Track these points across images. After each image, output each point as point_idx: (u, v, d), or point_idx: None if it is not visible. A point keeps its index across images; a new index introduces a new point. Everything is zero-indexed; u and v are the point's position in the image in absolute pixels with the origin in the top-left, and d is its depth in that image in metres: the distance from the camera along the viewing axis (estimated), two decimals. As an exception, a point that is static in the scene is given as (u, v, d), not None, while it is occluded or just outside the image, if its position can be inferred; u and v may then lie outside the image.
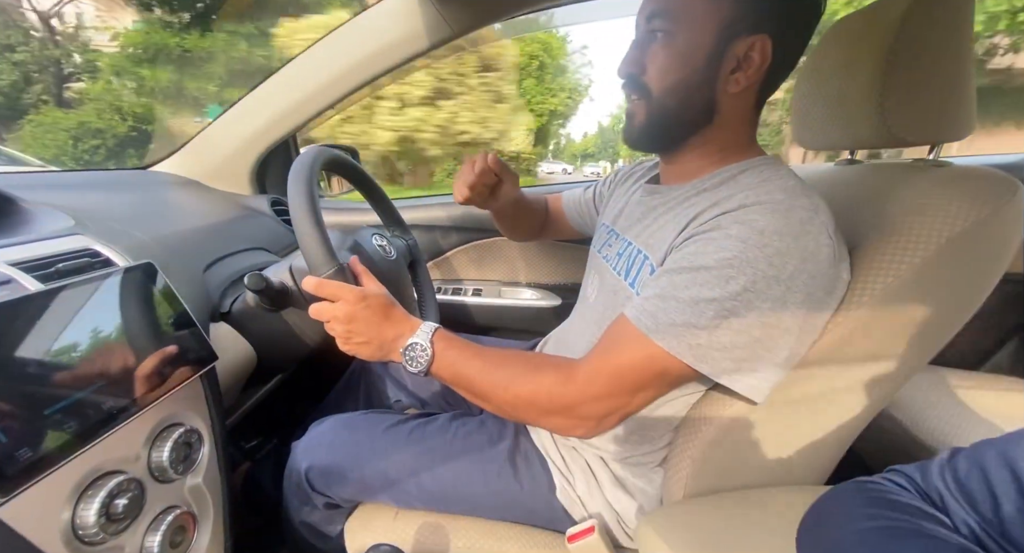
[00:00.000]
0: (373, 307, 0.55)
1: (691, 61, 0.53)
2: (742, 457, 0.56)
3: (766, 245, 0.45)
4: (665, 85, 0.54)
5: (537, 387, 0.52)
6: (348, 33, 0.97)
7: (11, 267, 0.44)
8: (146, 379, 0.47)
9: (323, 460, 0.69)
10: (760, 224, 0.46)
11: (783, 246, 0.45)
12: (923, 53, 0.52)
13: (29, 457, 0.36)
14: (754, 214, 0.47)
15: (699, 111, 0.55)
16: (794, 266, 0.45)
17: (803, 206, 0.47)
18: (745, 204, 0.48)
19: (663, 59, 0.54)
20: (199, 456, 0.53)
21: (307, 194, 0.56)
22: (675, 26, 0.52)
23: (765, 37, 0.51)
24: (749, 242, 0.46)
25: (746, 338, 0.46)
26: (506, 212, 0.88)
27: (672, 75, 0.54)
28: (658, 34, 0.54)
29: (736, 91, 0.54)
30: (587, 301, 0.70)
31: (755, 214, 0.47)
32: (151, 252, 0.60)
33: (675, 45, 0.53)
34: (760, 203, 0.48)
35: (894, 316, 0.50)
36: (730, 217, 0.48)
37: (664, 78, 0.54)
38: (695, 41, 0.52)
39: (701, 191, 0.56)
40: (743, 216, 0.47)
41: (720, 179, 0.55)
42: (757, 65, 0.52)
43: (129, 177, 1.05)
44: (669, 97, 0.55)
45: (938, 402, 0.86)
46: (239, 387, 0.73)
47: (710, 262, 0.47)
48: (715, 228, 0.48)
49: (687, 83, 0.53)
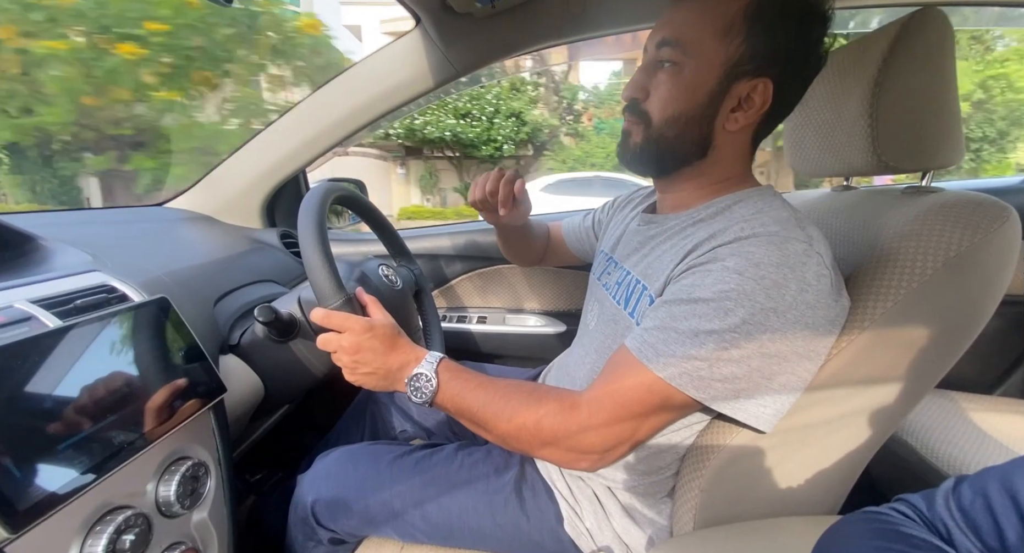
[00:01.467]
0: (379, 337, 0.56)
1: (694, 96, 0.54)
2: (752, 486, 0.55)
3: (763, 277, 0.46)
4: (666, 115, 0.55)
5: (539, 419, 0.52)
6: (357, 74, 1.02)
7: (32, 304, 0.46)
8: (157, 413, 0.47)
9: (329, 493, 0.68)
10: (756, 256, 0.47)
11: (780, 277, 0.46)
12: (908, 85, 0.54)
13: (41, 493, 0.36)
14: (750, 246, 0.48)
15: (695, 144, 0.56)
16: (792, 297, 0.46)
17: (798, 237, 0.48)
18: (741, 237, 0.49)
19: (667, 90, 0.55)
20: (206, 490, 0.53)
21: (316, 228, 0.58)
22: (684, 58, 0.53)
23: (767, 80, 0.52)
24: (746, 274, 0.46)
25: (746, 369, 0.46)
26: (511, 234, 0.91)
27: (674, 107, 0.55)
28: (666, 64, 0.54)
29: (734, 129, 0.55)
30: (587, 328, 0.71)
31: (751, 246, 0.48)
32: (165, 287, 0.61)
33: (681, 78, 0.54)
34: (755, 235, 0.48)
35: (895, 340, 0.50)
36: (726, 249, 0.49)
37: (666, 108, 0.55)
38: (701, 77, 0.53)
39: (696, 222, 0.57)
40: (739, 248, 0.48)
41: (715, 210, 0.56)
42: (757, 107, 0.53)
43: (145, 214, 1.08)
44: (668, 128, 0.56)
45: (951, 427, 0.84)
46: (246, 419, 0.74)
47: (708, 294, 0.47)
48: (712, 260, 0.49)
49: (687, 116, 0.54)
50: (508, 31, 0.92)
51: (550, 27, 0.94)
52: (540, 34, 0.95)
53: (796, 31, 0.51)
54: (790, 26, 0.51)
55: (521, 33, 0.94)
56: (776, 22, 0.50)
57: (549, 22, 0.92)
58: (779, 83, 0.52)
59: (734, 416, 0.49)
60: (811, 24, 0.51)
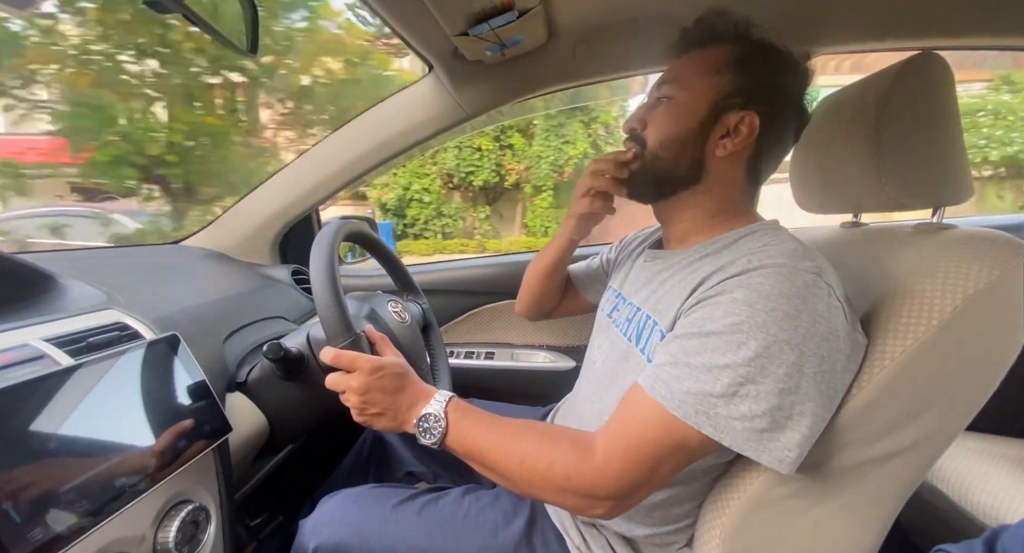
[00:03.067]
0: (389, 377, 0.56)
1: (686, 122, 0.59)
2: (777, 535, 0.52)
3: (773, 309, 0.45)
4: (660, 138, 0.61)
5: (551, 463, 0.50)
6: (371, 118, 1.06)
7: (45, 342, 0.46)
8: (161, 453, 0.46)
9: (331, 538, 0.65)
10: (765, 288, 0.47)
11: (791, 309, 0.45)
12: (912, 123, 0.55)
13: (40, 539, 0.35)
14: (758, 278, 0.48)
15: (688, 167, 0.60)
16: (805, 329, 0.45)
17: (806, 269, 0.48)
18: (748, 268, 0.49)
19: (663, 118, 0.61)
20: (205, 536, 0.52)
21: (327, 266, 0.59)
22: (678, 92, 0.60)
23: (754, 114, 0.57)
24: (756, 306, 0.46)
25: (765, 406, 0.45)
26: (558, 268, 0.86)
27: (667, 131, 0.60)
28: (662, 100, 0.62)
29: (723, 155, 0.58)
30: (594, 365, 0.69)
31: (759, 278, 0.48)
32: (176, 323, 0.62)
33: (675, 108, 0.60)
34: (763, 267, 0.48)
35: (919, 380, 0.48)
36: (734, 281, 0.49)
37: (660, 133, 0.61)
38: (692, 107, 0.59)
39: (704, 256, 0.57)
40: (747, 280, 0.48)
41: (722, 244, 0.57)
42: (744, 136, 0.57)
43: (160, 252, 1.11)
44: (662, 149, 0.61)
45: (986, 473, 0.80)
46: (250, 459, 0.72)
47: (719, 327, 0.47)
48: (721, 293, 0.49)
49: (680, 140, 0.59)
50: (516, 76, 0.97)
51: (556, 72, 0.98)
52: (547, 79, 1.00)
53: (779, 76, 0.58)
54: (774, 71, 0.58)
55: (529, 78, 0.98)
56: (761, 66, 0.58)
57: (555, 67, 0.96)
58: (765, 118, 0.57)
59: (756, 459, 0.47)
60: (791, 73, 0.59)
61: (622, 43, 0.90)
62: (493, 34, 0.75)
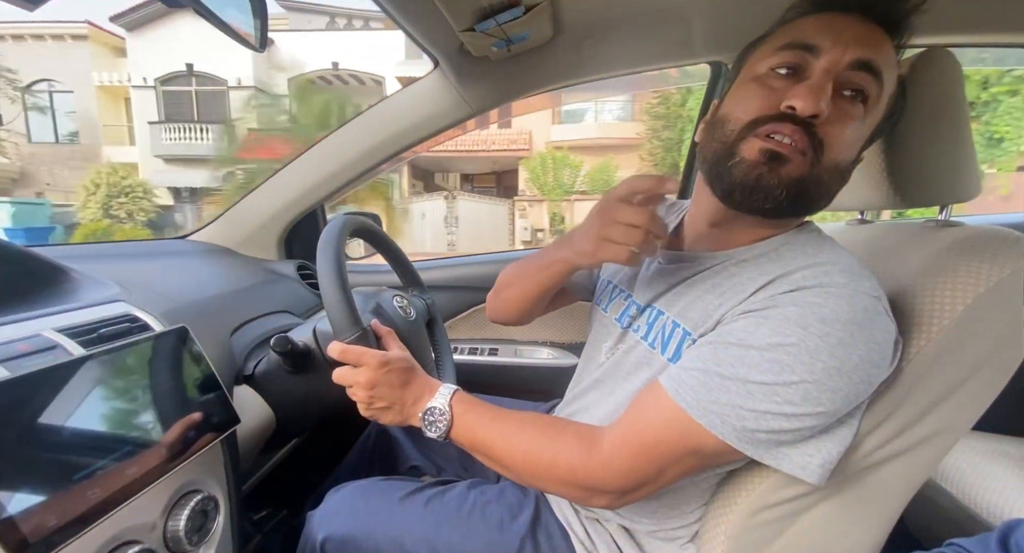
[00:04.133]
0: (395, 371, 0.56)
1: (866, 136, 0.50)
2: (783, 532, 0.52)
3: (828, 334, 0.42)
4: (840, 158, 0.47)
5: (556, 456, 0.50)
6: (377, 114, 1.06)
7: (58, 333, 0.47)
8: (171, 443, 0.47)
9: (340, 530, 0.66)
10: (824, 312, 0.43)
11: (847, 336, 0.42)
12: (920, 120, 0.55)
13: (55, 525, 0.36)
14: (815, 297, 0.44)
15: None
16: (859, 357, 0.42)
17: (866, 290, 0.44)
18: (804, 286, 0.45)
19: (855, 129, 0.47)
20: (214, 525, 0.52)
21: (334, 261, 0.59)
22: (878, 93, 0.47)
23: None
24: (810, 330, 0.42)
25: (797, 424, 0.43)
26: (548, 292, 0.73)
27: (850, 151, 0.48)
28: (857, 95, 0.46)
29: None
30: (601, 367, 0.66)
31: (816, 297, 0.44)
32: (184, 316, 0.62)
33: (870, 117, 0.48)
34: (821, 286, 0.44)
35: (932, 379, 0.48)
36: (788, 298, 0.45)
37: (843, 150, 0.47)
38: (878, 116, 0.49)
39: (740, 262, 0.53)
40: (802, 298, 0.44)
41: (760, 251, 0.53)
42: None
43: (168, 246, 1.11)
44: (834, 172, 0.48)
45: (989, 471, 0.80)
46: (256, 451, 0.73)
47: (762, 343, 0.44)
48: (771, 307, 0.45)
49: (850, 164, 0.49)
50: (522, 73, 0.96)
51: (562, 68, 0.98)
52: (553, 75, 1.00)
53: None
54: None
55: (535, 74, 0.98)
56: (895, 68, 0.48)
57: (562, 64, 0.96)
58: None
59: (778, 468, 0.45)
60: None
61: (629, 39, 0.90)
62: (499, 30, 0.75)
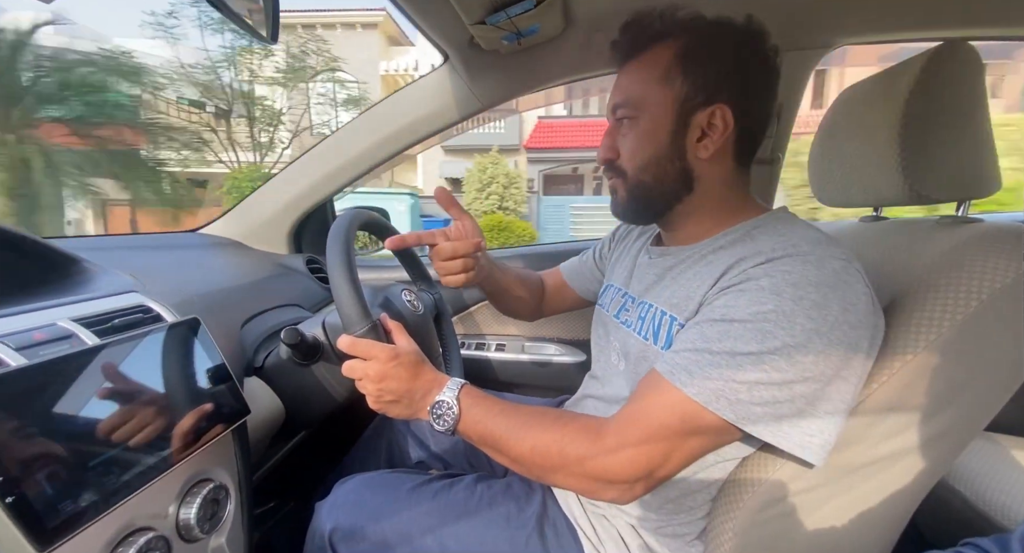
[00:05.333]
0: (404, 365, 0.56)
1: (656, 138, 0.57)
2: (792, 530, 0.52)
3: (802, 298, 0.45)
4: (637, 163, 0.59)
5: (563, 444, 0.50)
6: (385, 108, 1.06)
7: (73, 322, 0.48)
8: (183, 432, 0.48)
9: (347, 521, 0.66)
10: (794, 276, 0.46)
11: (819, 298, 0.45)
12: (939, 116, 0.54)
13: (71, 510, 0.36)
14: (785, 266, 0.47)
15: (675, 180, 0.58)
16: (835, 317, 0.44)
17: (834, 255, 0.47)
18: (773, 257, 0.48)
19: (631, 141, 0.59)
20: (225, 514, 0.53)
21: (344, 255, 0.59)
22: (637, 112, 0.58)
23: (723, 105, 0.54)
24: (784, 295, 0.45)
25: (788, 393, 0.45)
26: (500, 290, 0.84)
27: (642, 153, 0.58)
28: (624, 121, 0.59)
29: (707, 156, 0.56)
30: (617, 370, 0.66)
31: (786, 266, 0.47)
32: (196, 308, 0.63)
33: (640, 127, 0.58)
34: (789, 255, 0.48)
35: (941, 374, 0.48)
36: (759, 270, 0.48)
37: (635, 157, 0.59)
38: (657, 122, 0.57)
39: (717, 249, 0.56)
40: (772, 269, 0.47)
41: (735, 236, 0.56)
42: (721, 130, 0.55)
43: (180, 239, 1.12)
44: (643, 173, 0.59)
45: (1003, 473, 0.79)
46: (266, 443, 0.74)
47: (743, 315, 0.46)
48: (745, 280, 0.48)
49: (657, 157, 0.57)
50: (533, 67, 0.96)
51: (572, 62, 0.97)
52: (564, 69, 0.99)
53: (732, 56, 0.55)
54: (724, 54, 0.55)
55: (545, 68, 0.97)
56: (709, 55, 0.55)
57: (572, 57, 0.95)
58: (736, 104, 0.55)
59: (778, 445, 0.46)
60: (744, 45, 0.55)
61: (640, 33, 0.89)
62: (510, 23, 0.74)
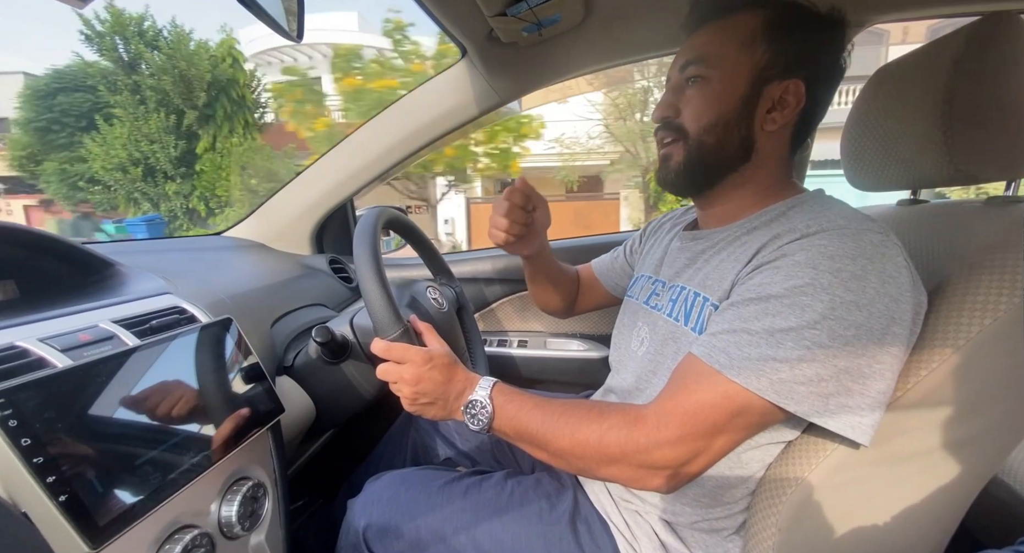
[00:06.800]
0: (439, 367, 0.56)
1: (728, 101, 0.55)
2: (838, 526, 0.50)
3: (839, 270, 0.44)
4: (702, 124, 0.56)
5: (603, 433, 0.49)
6: (404, 106, 1.06)
7: (114, 324, 0.49)
8: (223, 431, 0.48)
9: (381, 518, 0.67)
10: (830, 249, 0.45)
11: (858, 269, 0.44)
12: (984, 91, 0.51)
13: (120, 508, 0.37)
14: (821, 240, 0.46)
15: (737, 147, 0.57)
16: (874, 290, 0.43)
17: (871, 229, 0.47)
18: (808, 233, 0.48)
19: (700, 101, 0.57)
20: (264, 511, 0.54)
21: (372, 258, 0.59)
22: (711, 72, 0.56)
23: (798, 81, 0.54)
24: (820, 268, 0.44)
25: (831, 369, 0.43)
26: (541, 274, 0.87)
27: (709, 114, 0.56)
28: (694, 80, 0.57)
29: (773, 129, 0.56)
30: (635, 355, 0.67)
31: (822, 240, 0.46)
32: (228, 309, 0.64)
33: (711, 89, 0.56)
34: (824, 230, 0.47)
35: (994, 363, 0.45)
36: (795, 245, 0.47)
37: (701, 117, 0.57)
38: (731, 84, 0.55)
39: (752, 229, 0.56)
40: (808, 243, 0.47)
41: (769, 216, 0.55)
42: (792, 106, 0.55)
43: (206, 242, 1.14)
44: (707, 135, 0.56)
45: None
46: (298, 441, 0.75)
47: (779, 291, 0.46)
48: (780, 257, 0.48)
49: (725, 121, 0.56)
50: (552, 58, 0.94)
51: (592, 52, 0.95)
52: (583, 59, 0.97)
53: (816, 36, 0.54)
54: (809, 32, 0.54)
55: (565, 59, 0.96)
56: (795, 29, 0.54)
57: (591, 47, 0.93)
58: (810, 83, 0.54)
59: (825, 425, 0.45)
60: (829, 29, 0.55)
61: (661, 19, 0.87)
62: (531, 13, 0.73)
